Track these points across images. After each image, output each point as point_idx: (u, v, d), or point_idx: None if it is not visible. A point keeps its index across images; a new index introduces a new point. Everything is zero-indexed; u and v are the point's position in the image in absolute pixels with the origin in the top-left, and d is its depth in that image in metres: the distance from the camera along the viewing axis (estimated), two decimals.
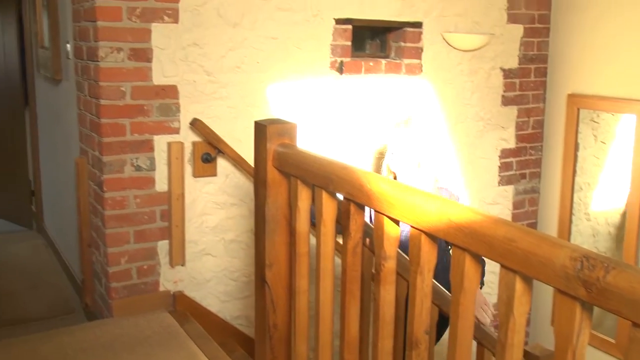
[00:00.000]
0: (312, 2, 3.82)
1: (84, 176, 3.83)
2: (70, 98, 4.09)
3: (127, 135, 3.47)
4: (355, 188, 2.07)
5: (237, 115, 3.68)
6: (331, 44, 3.91)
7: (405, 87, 4.19)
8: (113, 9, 3.33)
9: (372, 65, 4.08)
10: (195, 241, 3.71)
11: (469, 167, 4.54)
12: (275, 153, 2.46)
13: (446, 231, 1.72)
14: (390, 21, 4.11)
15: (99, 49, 3.35)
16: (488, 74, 4.50)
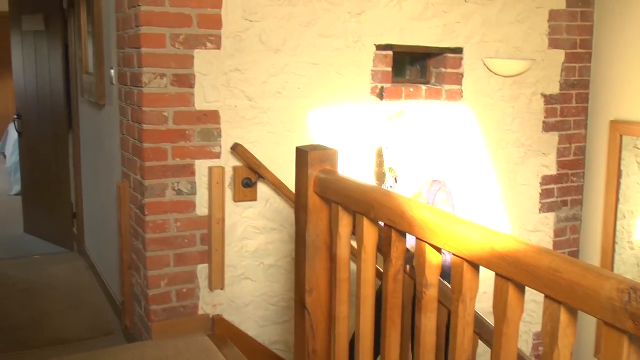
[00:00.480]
0: (354, 28, 3.84)
1: (125, 200, 3.88)
2: (113, 123, 4.16)
3: (169, 160, 3.51)
4: (397, 215, 2.06)
5: (278, 140, 3.70)
6: (372, 70, 3.92)
7: (446, 113, 4.18)
8: (157, 36, 3.39)
9: (413, 92, 4.08)
10: (234, 265, 3.73)
11: (509, 193, 4.49)
12: (317, 179, 2.46)
13: (489, 260, 1.70)
14: (431, 47, 4.12)
15: (143, 75, 3.40)
16: (529, 99, 4.47)
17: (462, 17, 4.16)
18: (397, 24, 3.97)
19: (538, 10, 4.40)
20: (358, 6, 3.84)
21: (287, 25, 3.67)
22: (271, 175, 3.64)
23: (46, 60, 6.04)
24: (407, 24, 4.01)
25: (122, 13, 3.73)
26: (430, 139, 4.12)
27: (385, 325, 2.23)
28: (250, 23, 3.58)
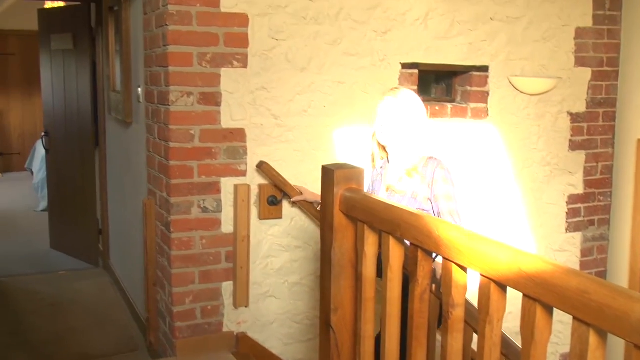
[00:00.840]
0: (379, 47, 3.86)
1: (151, 217, 3.90)
2: (140, 140, 4.19)
3: (195, 178, 3.53)
4: (423, 234, 2.05)
5: (303, 158, 3.71)
6: None
7: (471, 131, 4.17)
8: (184, 55, 3.42)
9: (438, 110, 4.08)
10: (259, 283, 3.73)
11: (535, 212, 4.46)
12: (343, 198, 2.46)
13: (516, 281, 1.68)
14: (457, 65, 4.12)
15: (170, 93, 3.43)
16: (555, 118, 4.45)
17: (488, 35, 4.16)
18: (422, 42, 3.98)
19: (564, 28, 4.39)
20: (384, 25, 3.86)
21: (313, 43, 3.70)
22: (296, 193, 3.64)
23: (74, 78, 6.12)
24: (433, 43, 4.01)
25: (149, 32, 3.78)
26: (455, 157, 4.13)
27: (411, 345, 2.21)
28: (276, 42, 3.61)
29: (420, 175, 2.99)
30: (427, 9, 3.98)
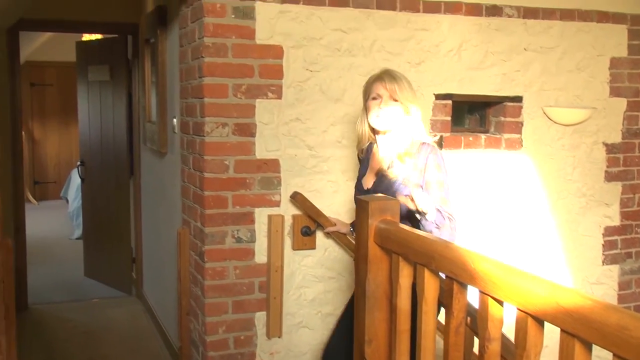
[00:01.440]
0: (413, 77, 3.84)
1: (185, 246, 3.93)
2: (174, 170, 4.24)
3: (229, 208, 3.56)
4: (459, 267, 2.04)
5: (337, 189, 3.72)
6: (431, 119, 3.93)
7: (505, 162, 4.15)
8: (220, 86, 3.47)
9: (472, 140, 4.07)
10: (292, 313, 3.73)
11: (570, 244, 4.40)
12: (377, 229, 2.47)
13: (554, 315, 1.67)
14: (490, 96, 4.12)
15: (205, 124, 3.47)
16: (590, 148, 4.41)
17: (521, 66, 4.16)
18: (456, 73, 3.99)
19: (599, 58, 4.37)
20: (417, 56, 3.88)
21: (347, 75, 3.72)
22: (330, 223, 3.65)
23: (110, 108, 6.22)
24: (466, 73, 4.02)
25: (185, 64, 3.83)
26: (489, 188, 4.10)
27: None
28: (310, 73, 3.64)
29: (413, 162, 2.90)
30: (460, 40, 3.99)
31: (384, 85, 2.95)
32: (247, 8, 3.50)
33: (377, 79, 2.99)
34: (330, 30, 3.67)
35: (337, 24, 3.69)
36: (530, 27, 4.15)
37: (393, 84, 2.94)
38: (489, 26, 4.06)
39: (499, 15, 4.07)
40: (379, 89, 2.97)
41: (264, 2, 3.54)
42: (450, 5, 3.95)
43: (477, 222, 4.07)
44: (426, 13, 3.90)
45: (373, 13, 3.77)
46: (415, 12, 3.87)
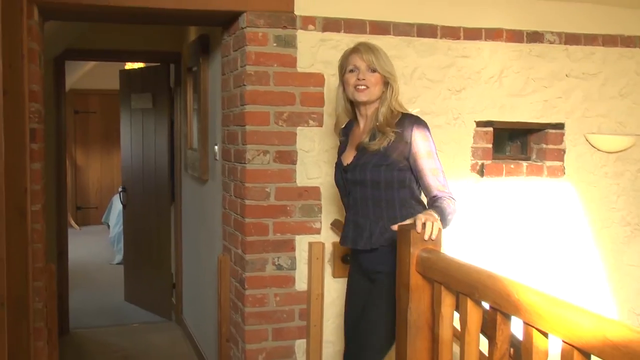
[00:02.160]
0: (454, 105, 3.87)
1: (226, 273, 3.95)
2: (215, 197, 4.27)
3: (270, 235, 3.57)
4: (502, 298, 2.02)
5: None
6: (472, 146, 3.92)
7: (548, 190, 4.10)
8: (261, 114, 3.50)
9: (513, 168, 4.04)
10: (332, 342, 3.71)
11: (615, 274, 4.32)
12: (419, 258, 2.46)
13: (601, 349, 1.63)
14: (532, 123, 4.08)
15: (247, 152, 3.50)
16: (635, 176, 4.34)
17: (563, 92, 4.12)
18: (497, 100, 3.97)
19: None
20: (458, 83, 3.87)
21: None
22: None
23: (152, 136, 6.30)
24: (507, 100, 4.00)
25: (227, 92, 3.88)
26: (532, 216, 4.06)
27: None
28: None
29: (396, 131, 2.82)
30: (501, 66, 3.98)
31: (360, 56, 2.89)
32: (288, 36, 3.54)
33: (353, 51, 2.93)
34: None
35: None
36: (571, 53, 4.12)
37: (370, 54, 2.88)
38: (530, 52, 4.04)
39: (540, 42, 4.06)
40: (355, 61, 2.90)
41: (305, 31, 3.57)
42: (491, 31, 3.94)
43: (519, 251, 4.02)
44: (467, 40, 3.90)
45: (414, 40, 3.79)
46: (455, 39, 3.87)
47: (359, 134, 3.00)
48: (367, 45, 2.94)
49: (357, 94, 2.91)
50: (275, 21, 3.52)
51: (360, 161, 2.90)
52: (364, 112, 2.99)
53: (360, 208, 2.92)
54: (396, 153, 2.82)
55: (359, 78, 2.89)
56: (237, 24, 3.63)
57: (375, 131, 2.89)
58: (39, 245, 3.44)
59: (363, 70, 2.89)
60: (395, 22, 3.75)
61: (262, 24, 3.50)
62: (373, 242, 2.87)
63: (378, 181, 2.85)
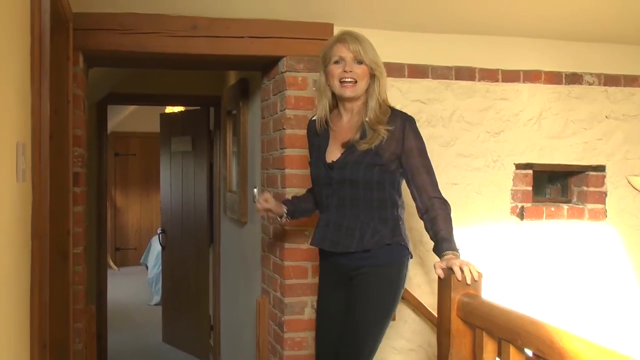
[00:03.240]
0: (492, 148, 3.85)
1: (264, 316, 3.94)
2: (254, 240, 4.28)
3: (309, 278, 3.56)
4: (546, 345, 1.98)
5: (417, 260, 3.68)
6: (511, 189, 3.89)
7: (589, 233, 4.04)
8: (301, 158, 3.52)
9: (554, 211, 3.99)
10: None
11: None
12: (460, 303, 2.43)
13: None
14: (572, 165, 4.05)
15: (286, 195, 3.51)
16: None
17: (603, 134, 4.09)
18: (536, 142, 3.95)
19: None
20: (497, 125, 3.87)
21: (426, 145, 3.72)
22: (411, 296, 3.61)
23: (192, 178, 6.38)
24: (547, 142, 3.98)
25: (267, 135, 3.92)
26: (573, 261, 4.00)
27: None
28: None
29: (388, 129, 2.70)
30: (540, 108, 3.96)
31: (346, 46, 2.72)
32: None
33: (338, 40, 2.75)
34: (410, 101, 3.70)
35: (417, 95, 3.73)
36: (611, 94, 4.09)
37: (356, 44, 2.71)
38: (569, 94, 4.03)
39: (579, 83, 4.04)
40: (341, 51, 2.72)
41: None
42: (530, 73, 3.94)
43: (561, 296, 3.96)
44: (505, 82, 3.90)
45: (452, 83, 3.80)
46: (494, 81, 3.88)
47: (342, 130, 2.82)
48: (353, 35, 2.76)
49: (343, 90, 2.75)
50: (314, 65, 3.55)
51: (350, 159, 2.74)
52: (349, 107, 2.82)
53: (348, 208, 2.76)
54: (389, 152, 2.71)
55: (345, 70, 2.72)
56: (277, 68, 3.68)
57: (365, 127, 2.74)
58: (80, 287, 3.49)
59: (349, 62, 2.72)
60: (434, 65, 3.77)
61: (302, 68, 3.55)
62: (364, 244, 2.72)
63: (370, 181, 2.71)
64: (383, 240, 2.72)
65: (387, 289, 2.80)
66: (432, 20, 3.62)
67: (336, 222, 2.79)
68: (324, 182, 2.83)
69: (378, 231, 2.73)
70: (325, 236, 2.82)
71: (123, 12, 3.38)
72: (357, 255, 2.76)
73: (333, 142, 2.83)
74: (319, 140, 2.89)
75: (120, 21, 3.40)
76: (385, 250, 2.76)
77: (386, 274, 2.78)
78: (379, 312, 2.78)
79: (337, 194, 2.77)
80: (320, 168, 2.83)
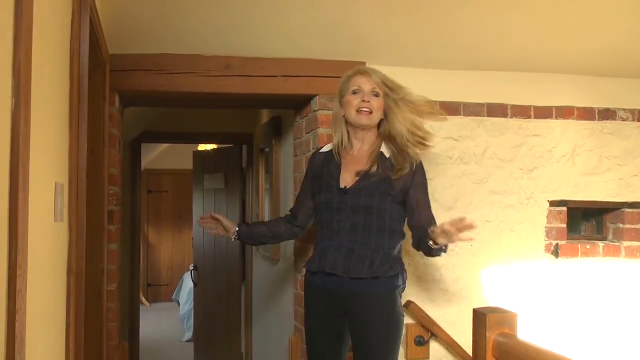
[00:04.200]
0: (526, 184, 3.83)
1: (297, 354, 3.92)
2: (287, 277, 4.28)
3: None
4: None
5: (451, 298, 3.66)
6: (545, 226, 3.85)
7: (626, 271, 3.98)
8: None
9: (589, 248, 3.94)
10: None
11: None
12: (495, 343, 2.40)
13: None
14: (607, 202, 4.00)
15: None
16: None
17: (639, 170, 4.04)
18: (570, 178, 3.92)
19: None
20: (530, 162, 3.85)
21: (459, 182, 3.72)
22: (444, 333, 3.58)
23: (224, 215, 6.40)
24: (581, 179, 3.94)
25: (299, 173, 3.93)
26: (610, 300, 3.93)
27: None
28: None
29: (403, 158, 2.81)
30: (573, 145, 3.94)
31: (367, 78, 2.86)
32: None
33: (358, 72, 2.89)
34: (442, 138, 3.70)
35: (449, 132, 3.73)
36: None
37: (374, 76, 2.85)
38: (603, 130, 4.00)
39: (612, 119, 4.01)
40: (360, 82, 2.85)
41: None
42: (562, 109, 3.93)
43: (598, 336, 3.89)
44: (537, 118, 3.89)
45: (484, 120, 3.80)
46: (526, 118, 3.87)
47: (354, 159, 2.91)
48: (369, 68, 2.94)
49: (359, 117, 2.85)
50: None
51: (367, 185, 2.81)
52: (361, 136, 2.91)
53: (360, 234, 2.81)
54: (401, 183, 2.80)
55: (363, 100, 2.83)
56: (309, 106, 3.71)
57: (383, 157, 2.85)
58: (113, 324, 3.51)
59: (367, 93, 2.84)
60: (465, 102, 3.78)
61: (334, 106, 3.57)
62: (374, 271, 2.76)
63: (383, 209, 2.79)
64: (392, 269, 2.80)
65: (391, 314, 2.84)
66: (463, 57, 3.63)
67: (348, 246, 2.82)
68: (336, 207, 2.85)
69: (388, 260, 2.80)
70: (337, 260, 2.82)
71: (158, 52, 3.45)
72: (361, 282, 2.78)
73: (345, 169, 2.90)
74: (329, 169, 2.94)
75: (155, 61, 3.47)
76: (388, 280, 2.82)
77: (388, 301, 2.83)
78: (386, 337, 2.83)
79: (350, 220, 2.82)
80: (333, 193, 2.87)
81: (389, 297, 2.81)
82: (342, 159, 2.93)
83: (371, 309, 2.80)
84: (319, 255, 2.89)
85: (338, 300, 2.85)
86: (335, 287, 2.83)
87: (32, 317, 1.53)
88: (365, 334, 2.81)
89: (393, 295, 2.83)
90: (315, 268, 2.90)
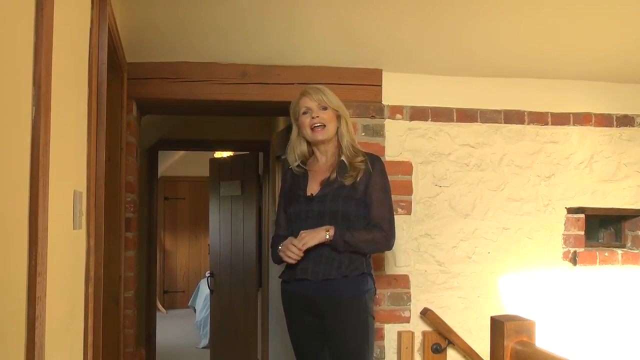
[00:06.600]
0: (543, 191, 3.81)
1: None
2: None
3: None
4: None
5: (468, 305, 3.65)
6: (563, 233, 3.83)
7: None
8: None
9: (607, 256, 3.91)
10: None
11: None
12: (513, 351, 2.38)
13: None
14: (625, 209, 3.97)
15: None
16: None
17: None
18: (588, 186, 3.90)
19: None
20: (547, 169, 3.83)
21: (476, 190, 3.71)
22: (461, 341, 3.56)
23: (240, 222, 6.41)
24: (599, 186, 3.92)
25: None
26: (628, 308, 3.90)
27: None
28: (439, 188, 3.66)
29: (365, 160, 2.94)
30: (591, 152, 3.92)
31: (310, 97, 2.99)
32: (376, 126, 3.60)
33: (302, 94, 3.03)
34: (459, 145, 3.70)
35: (466, 139, 3.72)
36: None
37: (318, 94, 2.98)
38: (621, 137, 3.98)
39: (630, 125, 3.99)
40: (307, 103, 3.00)
41: (393, 120, 3.63)
42: (579, 116, 3.91)
43: (616, 344, 3.86)
44: (555, 125, 3.88)
45: (501, 127, 3.79)
46: (543, 124, 3.85)
47: (320, 170, 3.04)
48: (314, 87, 3.05)
49: (314, 134, 3.00)
50: (363, 111, 3.59)
51: (330, 192, 2.92)
52: (324, 149, 3.06)
53: None
54: (362, 186, 2.91)
55: (313, 117, 2.98)
56: None
57: (341, 166, 2.97)
58: (130, 331, 3.52)
59: (315, 110, 2.98)
60: (482, 109, 3.77)
61: (351, 114, 3.56)
62: (343, 271, 2.84)
63: (348, 213, 2.88)
64: (359, 268, 2.86)
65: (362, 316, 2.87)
66: (480, 64, 3.63)
67: (316, 252, 2.87)
68: (304, 215, 2.96)
69: (354, 261, 2.86)
70: (307, 266, 2.89)
71: (175, 61, 3.47)
72: (332, 283, 2.85)
73: (312, 180, 3.04)
74: (298, 181, 3.08)
75: (173, 70, 3.49)
76: (358, 280, 2.87)
77: (359, 303, 2.87)
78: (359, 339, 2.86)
79: (317, 226, 2.89)
80: (301, 202, 2.99)
81: (358, 300, 2.86)
82: (310, 172, 3.08)
83: (342, 312, 2.86)
84: (289, 264, 2.96)
85: (311, 304, 2.91)
86: (307, 292, 2.90)
87: (51, 324, 1.54)
88: (336, 337, 2.87)
89: (363, 299, 2.88)
90: (287, 276, 3.00)
